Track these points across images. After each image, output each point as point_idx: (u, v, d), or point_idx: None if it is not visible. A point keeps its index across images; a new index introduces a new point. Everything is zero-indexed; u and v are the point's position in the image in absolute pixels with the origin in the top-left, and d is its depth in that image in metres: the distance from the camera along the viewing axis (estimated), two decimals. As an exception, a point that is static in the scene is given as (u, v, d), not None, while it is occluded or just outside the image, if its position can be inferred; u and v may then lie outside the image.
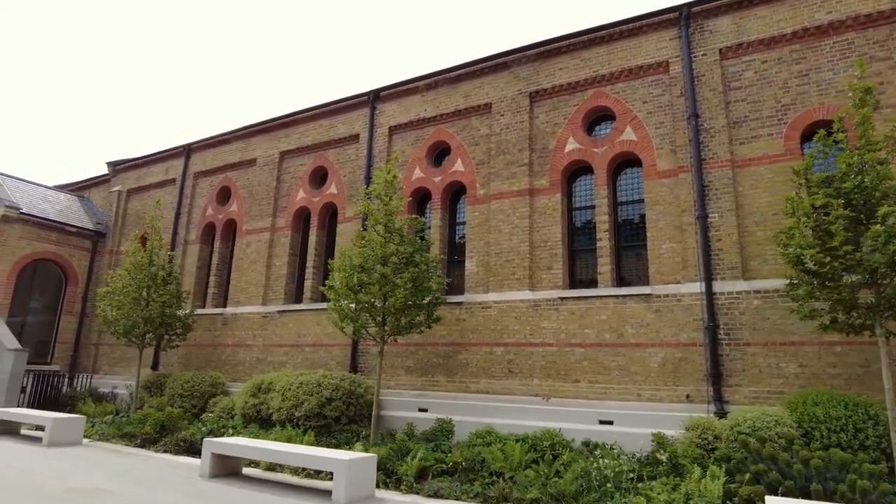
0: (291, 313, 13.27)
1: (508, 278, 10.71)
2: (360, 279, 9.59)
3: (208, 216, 15.87)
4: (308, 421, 10.08)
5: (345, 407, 10.27)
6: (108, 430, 11.49)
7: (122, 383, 15.70)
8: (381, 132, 13.16)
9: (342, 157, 13.77)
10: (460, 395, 10.62)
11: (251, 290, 14.13)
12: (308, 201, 13.99)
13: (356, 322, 9.57)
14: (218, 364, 14.06)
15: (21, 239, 16.06)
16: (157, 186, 17.45)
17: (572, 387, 9.72)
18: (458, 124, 12.28)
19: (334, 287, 9.88)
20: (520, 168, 11.13)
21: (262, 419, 10.97)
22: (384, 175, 10.34)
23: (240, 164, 15.59)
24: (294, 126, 14.70)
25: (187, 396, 12.49)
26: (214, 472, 8.01)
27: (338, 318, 9.91)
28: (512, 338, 10.41)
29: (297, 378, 10.70)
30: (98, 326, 17.11)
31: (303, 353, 12.77)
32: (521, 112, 11.44)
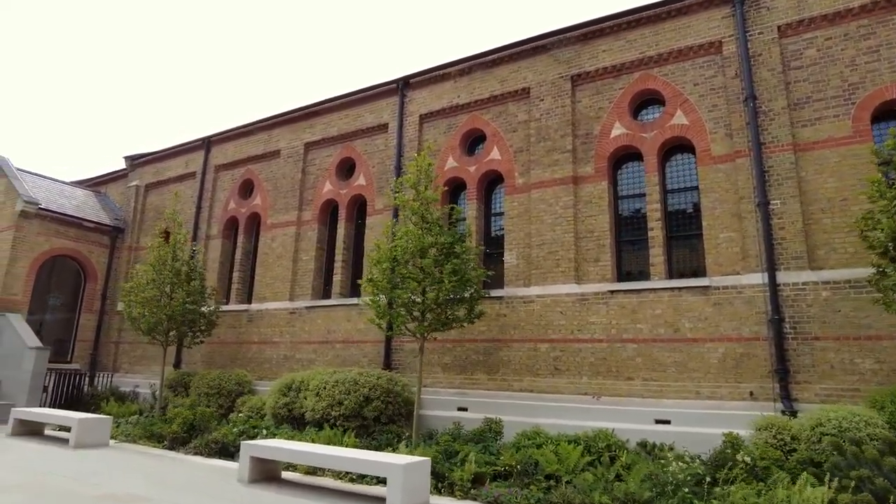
0: (320, 309, 12.80)
1: (552, 271, 10.20)
2: (399, 273, 9.11)
3: (230, 210, 15.43)
4: (346, 421, 9.61)
5: (383, 406, 9.80)
6: (133, 431, 11.08)
7: (143, 382, 15.31)
8: (412, 121, 12.66)
9: (370, 148, 13.29)
10: (503, 393, 10.13)
11: (277, 285, 13.68)
12: (335, 194, 13.51)
13: (396, 318, 9.07)
14: (243, 362, 13.63)
15: (39, 235, 15.68)
16: (177, 180, 17.02)
17: (625, 385, 9.21)
18: (493, 111, 11.76)
19: (372, 281, 9.40)
20: (562, 155, 10.61)
21: (294, 419, 10.51)
22: (419, 163, 9.84)
23: (263, 157, 15.13)
24: (319, 116, 14.22)
25: (214, 395, 12.06)
26: (253, 476, 7.55)
27: (375, 314, 9.43)
28: (558, 333, 9.90)
29: (331, 376, 10.24)
30: (118, 324, 16.75)
31: (333, 350, 12.32)
32: (563, 96, 10.91)
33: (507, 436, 9.24)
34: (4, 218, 15.53)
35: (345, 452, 7.08)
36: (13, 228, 15.14)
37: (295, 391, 10.57)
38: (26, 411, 11.10)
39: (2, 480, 7.16)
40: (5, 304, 14.82)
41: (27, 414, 11.05)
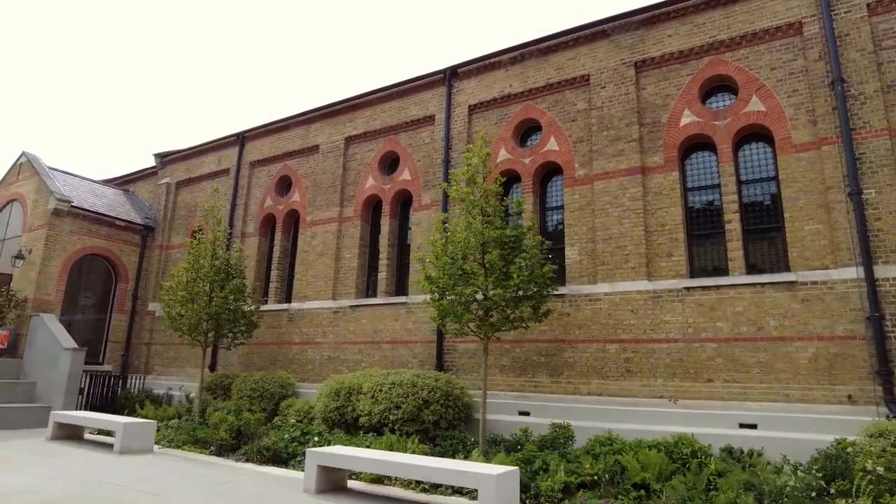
0: (365, 308, 12.31)
1: (620, 267, 9.64)
2: (458, 268, 8.58)
3: (267, 207, 14.98)
4: (404, 426, 9.10)
5: (443, 410, 9.28)
6: (176, 437, 10.63)
7: (177, 384, 14.88)
8: (460, 112, 12.15)
9: (415, 141, 12.78)
10: (568, 397, 9.57)
11: (319, 283, 13.20)
12: (378, 189, 13.02)
13: (462, 317, 8.53)
14: (284, 363, 13.16)
15: (72, 234, 15.32)
16: (209, 177, 16.60)
17: (704, 387, 8.63)
18: (549, 99, 11.23)
19: (431, 278, 8.88)
20: (628, 144, 10.05)
21: (346, 424, 10.02)
22: (477, 153, 9.32)
23: (301, 152, 14.67)
24: (360, 109, 13.74)
25: (257, 399, 11.59)
26: (321, 486, 7.05)
27: (437, 312, 8.90)
28: (628, 333, 9.34)
29: (385, 378, 9.73)
30: (149, 325, 16.36)
31: (380, 350, 11.81)
32: (626, 83, 10.36)
33: (577, 441, 8.70)
34: (37, 216, 15.17)
35: (423, 461, 6.55)
36: (46, 227, 14.77)
37: (346, 394, 10.06)
38: (67, 415, 10.69)
39: (57, 491, 6.70)
40: (39, 303, 14.45)
41: (68, 417, 10.64)
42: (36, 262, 14.63)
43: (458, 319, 8.53)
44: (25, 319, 14.29)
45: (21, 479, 7.19)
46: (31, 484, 6.99)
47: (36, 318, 14.06)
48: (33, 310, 14.34)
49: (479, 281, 8.45)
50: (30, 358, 13.81)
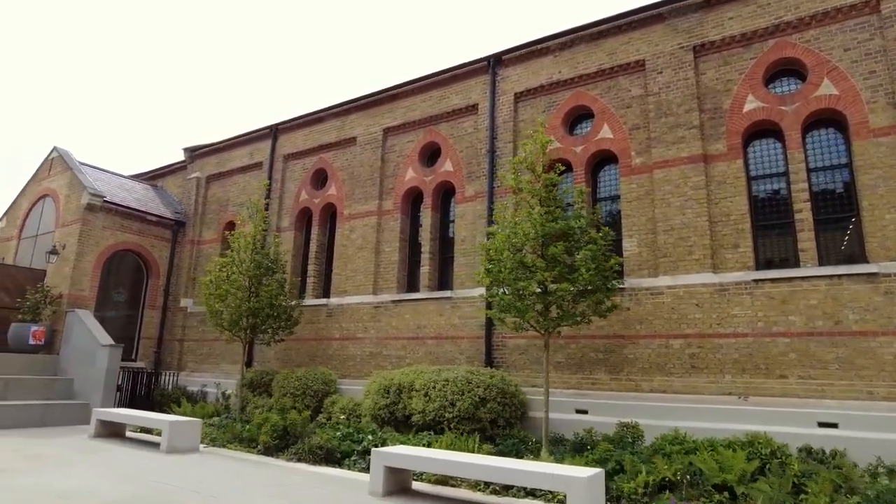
0: (408, 303, 11.99)
1: (684, 259, 9.24)
2: (521, 261, 8.23)
3: (302, 201, 14.71)
4: (459, 424, 8.78)
5: (500, 408, 8.96)
6: (219, 435, 10.37)
7: (211, 381, 14.67)
8: (505, 100, 11.77)
9: (457, 131, 12.43)
10: (629, 394, 9.21)
11: (358, 278, 12.90)
12: (419, 181, 12.69)
13: (525, 312, 8.18)
14: (323, 359, 12.88)
15: (105, 229, 15.14)
16: (241, 171, 16.36)
17: (777, 383, 8.23)
18: (601, 86, 10.83)
19: (490, 272, 8.53)
20: (688, 131, 9.64)
21: (396, 421, 9.72)
22: (537, 140, 8.95)
23: (337, 144, 14.37)
24: (399, 100, 13.41)
25: (300, 396, 11.31)
26: (388, 488, 6.73)
27: (498, 308, 8.56)
28: (693, 328, 8.94)
29: (439, 375, 9.42)
30: (181, 321, 16.17)
31: (424, 346, 11.49)
32: (684, 68, 9.94)
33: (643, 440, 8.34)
34: (70, 212, 15.00)
35: (501, 462, 6.21)
36: (79, 222, 14.59)
37: (397, 391, 9.76)
38: (110, 412, 10.47)
39: (116, 491, 6.45)
40: (73, 299, 14.29)
41: (111, 415, 10.42)
42: (70, 258, 14.46)
43: (522, 315, 8.17)
44: (61, 315, 14.12)
45: (75, 480, 6.95)
46: (86, 485, 6.74)
47: (72, 313, 13.89)
48: (68, 306, 14.17)
49: (541, 274, 8.08)
50: (66, 354, 13.64)
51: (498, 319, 8.70)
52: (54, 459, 8.23)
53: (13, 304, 14.07)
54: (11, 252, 16.34)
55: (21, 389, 12.32)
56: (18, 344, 13.52)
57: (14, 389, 12.23)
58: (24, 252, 16.15)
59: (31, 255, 15.84)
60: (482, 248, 8.74)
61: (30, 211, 16.45)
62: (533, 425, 9.54)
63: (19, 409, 11.56)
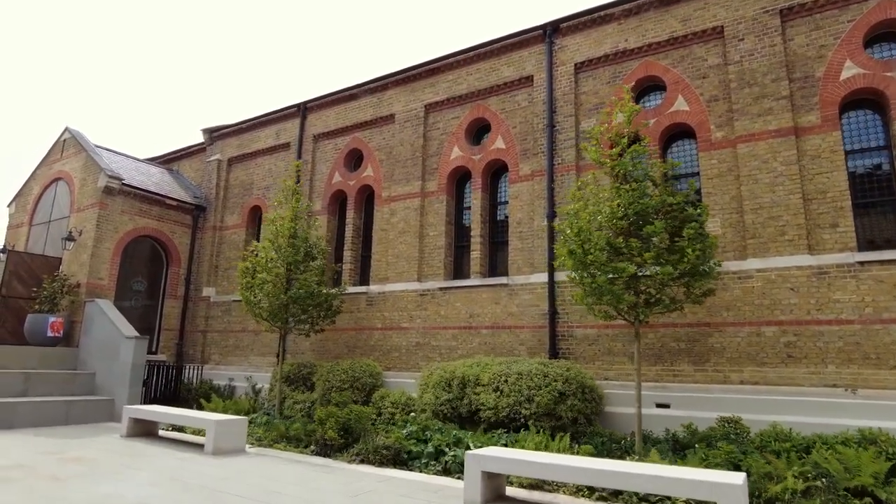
0: (458, 290, 11.21)
1: (775, 240, 8.50)
2: (610, 243, 7.46)
3: (335, 183, 13.85)
4: (538, 422, 8.05)
5: (581, 404, 8.23)
6: (264, 434, 9.60)
7: (240, 374, 13.89)
8: (564, 71, 10.95)
9: (509, 105, 11.60)
10: (716, 386, 8.49)
11: (401, 264, 12.10)
12: (466, 160, 11.86)
13: (620, 298, 7.41)
14: (364, 350, 12.11)
15: (123, 213, 14.25)
16: (266, 153, 15.47)
17: (891, 374, 7.52)
18: (673, 55, 10.02)
19: (575, 254, 7.75)
20: (776, 102, 8.86)
21: (460, 418, 8.98)
22: (624, 109, 8.15)
23: (373, 122, 13.50)
24: (442, 74, 12.55)
25: (347, 390, 10.54)
26: (486, 496, 5.99)
27: (585, 293, 7.79)
28: (788, 314, 8.22)
29: (509, 368, 8.68)
30: (204, 311, 15.34)
31: (478, 336, 10.74)
32: (770, 34, 9.14)
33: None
34: (86, 195, 14.10)
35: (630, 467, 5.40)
36: (97, 206, 13.70)
37: (460, 385, 9.00)
38: (144, 410, 9.66)
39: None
40: (92, 289, 13.43)
41: (145, 413, 9.61)
42: (88, 244, 13.58)
43: (617, 301, 7.40)
44: (79, 306, 13.27)
45: (129, 490, 6.17)
46: (144, 496, 5.97)
47: (91, 304, 13.04)
48: (86, 295, 13.32)
49: (638, 256, 7.31)
50: (86, 347, 12.81)
51: (588, 307, 7.92)
52: (95, 464, 7.45)
53: (29, 294, 13.21)
54: (22, 239, 15.43)
55: (42, 385, 11.51)
56: (35, 336, 12.67)
57: (35, 385, 11.41)
58: (37, 239, 15.24)
59: (44, 241, 14.94)
60: (564, 228, 7.94)
61: (41, 195, 15.52)
62: (611, 421, 8.84)
63: (42, 405, 10.75)
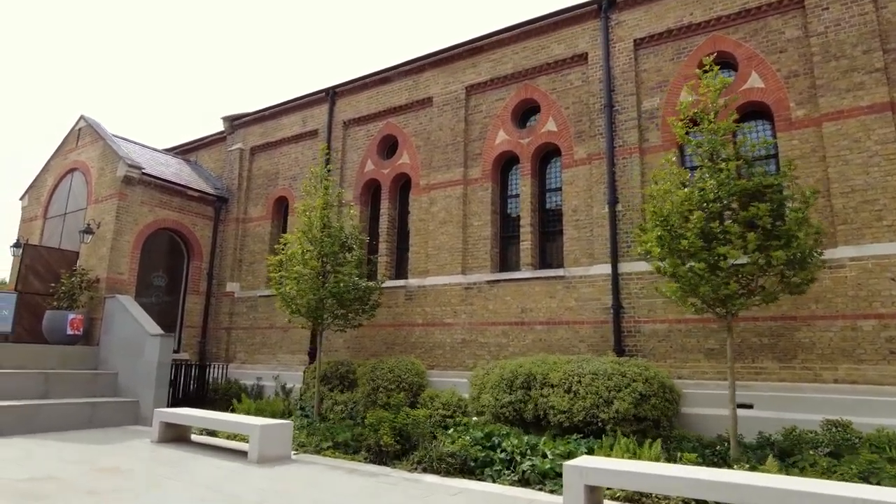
0: (507, 283, 10.49)
1: (871, 226, 7.77)
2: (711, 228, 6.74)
3: (368, 172, 13.12)
4: (618, 426, 7.33)
5: (664, 405, 7.52)
6: (307, 439, 8.90)
7: (267, 373, 13.19)
8: (623, 48, 10.20)
9: (560, 85, 10.86)
10: (805, 385, 7.78)
11: (443, 256, 11.38)
12: (513, 144, 11.13)
13: (718, 288, 6.68)
14: (404, 348, 11.40)
15: (143, 205, 13.52)
16: (292, 141, 14.73)
17: None
18: (745, 28, 9.28)
19: (663, 240, 7.02)
20: (869, 76, 8.12)
21: (524, 421, 8.27)
22: (710, 84, 7.41)
23: (408, 107, 12.76)
24: (484, 53, 11.80)
25: (393, 390, 9.83)
26: (589, 512, 5.28)
27: (678, 284, 7.06)
28: (888, 307, 7.49)
29: (580, 367, 7.97)
30: (228, 307, 14.63)
31: (532, 332, 10.02)
32: (858, 1, 8.39)
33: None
34: (104, 185, 13.37)
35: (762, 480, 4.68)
36: (116, 196, 12.97)
37: (523, 386, 8.29)
38: (178, 414, 8.96)
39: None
40: (112, 284, 12.72)
41: (179, 417, 8.91)
42: (107, 237, 12.85)
43: (716, 291, 6.67)
44: (99, 302, 12.56)
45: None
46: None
47: (112, 300, 12.33)
48: (107, 291, 12.60)
49: (737, 242, 6.58)
50: (107, 345, 12.10)
51: (680, 299, 7.18)
52: (132, 475, 6.74)
53: (46, 290, 12.50)
54: (37, 233, 14.71)
55: (63, 385, 10.82)
56: (54, 334, 11.97)
57: (55, 385, 10.72)
58: (51, 232, 14.53)
59: (60, 235, 14.22)
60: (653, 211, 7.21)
61: (56, 187, 14.79)
62: (688, 423, 8.13)
63: (64, 408, 10.07)
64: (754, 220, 6.60)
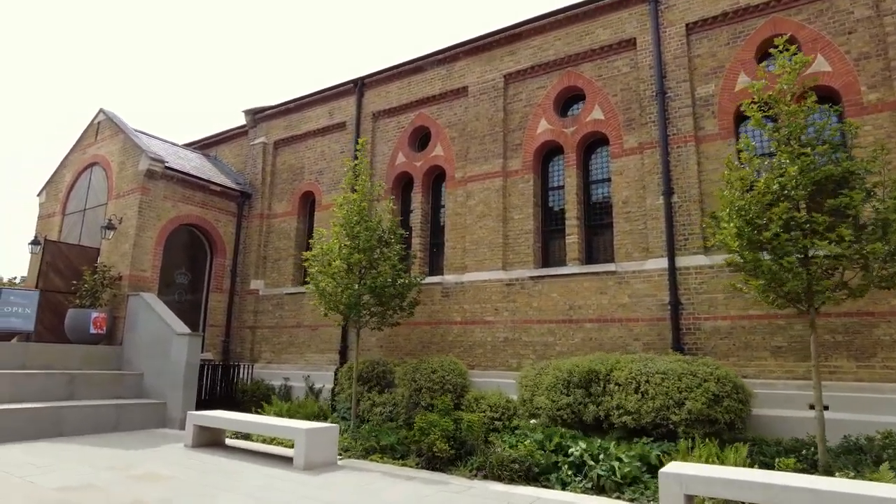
0: (553, 279, 10.03)
1: (957, 215, 7.28)
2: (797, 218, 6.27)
3: (399, 165, 12.66)
4: (691, 428, 6.87)
5: (739, 406, 7.05)
6: (350, 443, 8.46)
7: (296, 373, 12.75)
8: (673, 32, 9.73)
9: (607, 72, 10.39)
10: (886, 385, 7.30)
11: (482, 251, 10.92)
12: (556, 133, 10.66)
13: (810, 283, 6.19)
14: (441, 347, 10.94)
15: (166, 199, 13.08)
16: (318, 134, 14.28)
17: None
18: (808, 10, 8.80)
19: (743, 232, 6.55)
20: (950, 56, 7.64)
21: (583, 424, 7.81)
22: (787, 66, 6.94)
23: (442, 97, 12.29)
24: (524, 40, 11.33)
25: (437, 391, 9.37)
26: (687, 524, 4.81)
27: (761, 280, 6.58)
28: (980, 301, 7.02)
29: (645, 366, 7.51)
30: (252, 305, 14.19)
31: (581, 330, 9.56)
32: (936, -22, 7.92)
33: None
34: (125, 180, 12.93)
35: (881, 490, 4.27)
36: (139, 191, 12.53)
37: (583, 386, 7.83)
38: (215, 417, 8.50)
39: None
40: (135, 281, 12.28)
41: (215, 420, 8.46)
42: (129, 233, 12.42)
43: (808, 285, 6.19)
44: (121, 300, 12.13)
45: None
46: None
47: (135, 298, 11.90)
48: (129, 288, 12.17)
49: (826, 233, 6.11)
50: (131, 344, 11.67)
51: (761, 295, 6.71)
52: (175, 484, 6.30)
53: (68, 288, 12.08)
54: (55, 229, 14.29)
55: (88, 387, 10.40)
56: (77, 333, 11.54)
57: (81, 387, 10.30)
58: (70, 229, 14.11)
59: (80, 232, 13.79)
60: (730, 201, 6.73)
61: (74, 183, 14.37)
62: (759, 425, 7.65)
63: (91, 410, 9.67)
64: (841, 210, 6.13)
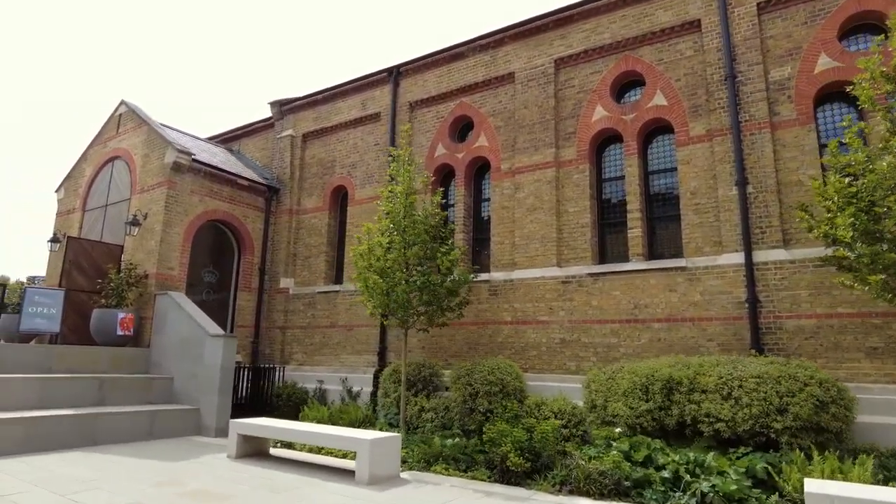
0: (615, 276, 9.41)
1: None
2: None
3: (439, 157, 12.05)
4: (794, 437, 6.26)
5: (844, 412, 6.44)
6: (407, 454, 7.84)
7: (331, 376, 12.16)
8: (743, 13, 9.11)
9: (668, 56, 9.77)
10: None
11: (533, 247, 10.31)
12: (615, 120, 10.04)
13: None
14: (490, 348, 10.34)
15: (193, 194, 12.48)
16: (350, 126, 13.66)
17: None
18: (898, -16, 8.17)
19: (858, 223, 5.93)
20: None
21: (665, 432, 7.20)
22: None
23: (485, 84, 11.67)
24: (576, 23, 10.71)
25: (496, 395, 8.76)
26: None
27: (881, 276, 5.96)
28: None
29: (735, 369, 6.90)
30: (282, 305, 13.60)
31: (648, 331, 8.94)
32: None
33: None
34: (150, 174, 12.34)
35: None
36: (165, 185, 11.93)
37: (664, 392, 7.21)
38: (264, 426, 7.88)
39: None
40: (162, 280, 11.69)
41: (264, 429, 7.84)
42: (155, 229, 11.83)
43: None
44: (148, 299, 11.55)
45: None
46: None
47: (163, 297, 11.32)
48: (156, 287, 11.58)
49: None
50: (160, 346, 11.09)
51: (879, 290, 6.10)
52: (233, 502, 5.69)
53: (92, 287, 11.49)
54: (75, 226, 13.70)
55: (118, 392, 9.85)
56: (103, 335, 10.96)
57: (110, 392, 9.75)
58: (91, 226, 13.51)
59: (101, 228, 13.20)
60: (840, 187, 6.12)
61: (95, 177, 13.78)
62: (858, 433, 7.03)
63: (123, 417, 9.10)
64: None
